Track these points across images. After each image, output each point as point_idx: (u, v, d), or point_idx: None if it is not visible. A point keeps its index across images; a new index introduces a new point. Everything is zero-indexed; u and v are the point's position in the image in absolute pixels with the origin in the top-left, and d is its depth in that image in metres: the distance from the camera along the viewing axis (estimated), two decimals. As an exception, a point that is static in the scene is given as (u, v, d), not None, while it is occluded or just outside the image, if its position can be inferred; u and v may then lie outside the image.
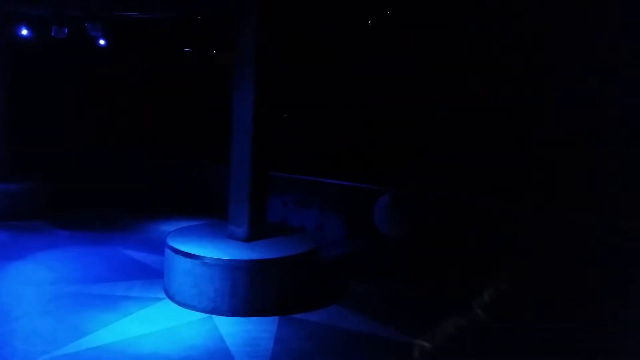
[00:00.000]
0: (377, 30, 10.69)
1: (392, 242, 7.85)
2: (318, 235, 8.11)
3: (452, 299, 7.12)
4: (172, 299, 6.74)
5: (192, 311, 6.46)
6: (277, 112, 10.22)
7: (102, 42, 10.33)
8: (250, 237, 7.13)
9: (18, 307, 6.37)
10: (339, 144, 10.31)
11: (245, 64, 6.95)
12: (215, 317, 6.34)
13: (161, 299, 6.80)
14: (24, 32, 10.16)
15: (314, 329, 6.20)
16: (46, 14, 9.56)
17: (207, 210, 10.35)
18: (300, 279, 6.83)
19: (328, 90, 10.85)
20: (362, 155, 10.00)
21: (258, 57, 6.89)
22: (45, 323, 5.96)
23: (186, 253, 6.57)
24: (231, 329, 6.08)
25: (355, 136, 10.40)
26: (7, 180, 10.73)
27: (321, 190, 8.91)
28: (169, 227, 9.86)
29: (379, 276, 8.06)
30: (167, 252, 6.84)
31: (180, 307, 6.56)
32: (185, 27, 12.41)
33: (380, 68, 10.46)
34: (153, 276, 7.54)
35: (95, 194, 12.19)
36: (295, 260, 6.73)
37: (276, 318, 6.36)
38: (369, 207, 8.18)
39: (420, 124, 10.00)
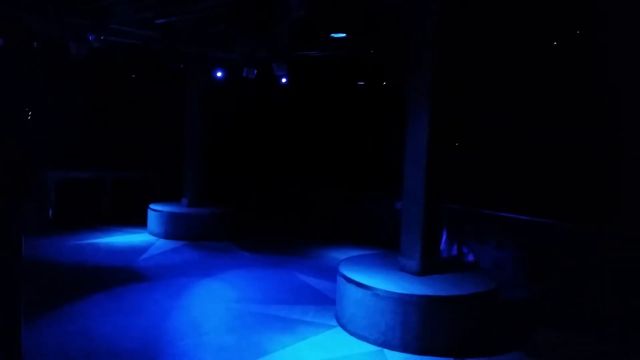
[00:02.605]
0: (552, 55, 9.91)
1: None
2: (496, 273, 7.57)
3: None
4: (343, 327, 6.81)
5: (363, 342, 6.44)
6: (451, 142, 9.96)
7: (283, 80, 11.17)
8: (422, 271, 6.94)
9: (207, 322, 6.97)
10: (522, 175, 9.61)
11: (420, 96, 6.91)
12: (386, 350, 6.24)
13: (333, 326, 6.91)
14: (219, 74, 11.44)
15: (493, 376, 5.75)
16: (239, 57, 10.66)
17: (377, 240, 10.42)
18: (478, 321, 6.41)
19: (506, 118, 10.29)
20: (544, 187, 9.20)
21: (434, 89, 6.82)
22: (230, 339, 6.41)
23: (358, 283, 6.61)
24: (402, 365, 5.93)
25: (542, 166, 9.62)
26: (199, 205, 12.07)
27: (499, 224, 8.35)
28: (339, 254, 10.16)
29: (565, 322, 7.26)
30: (340, 280, 6.96)
31: (351, 337, 6.59)
32: (358, 62, 12.82)
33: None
34: (325, 302, 7.74)
35: (274, 220, 13.12)
36: (472, 299, 6.35)
37: None
38: (556, 245, 7.46)
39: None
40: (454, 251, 9.02)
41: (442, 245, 8.85)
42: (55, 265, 9.20)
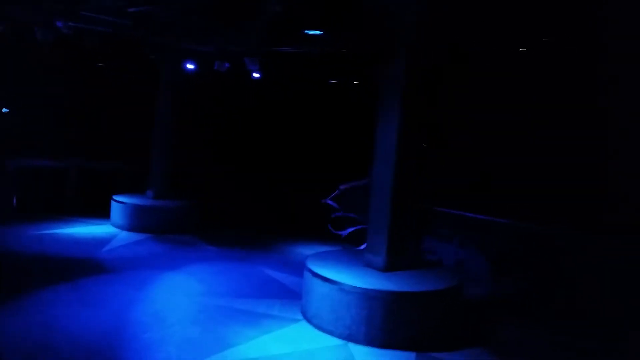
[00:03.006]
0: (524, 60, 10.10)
1: None
2: (460, 271, 7.75)
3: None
4: (309, 321, 6.86)
5: (329, 335, 6.50)
6: (421, 142, 10.07)
7: (256, 75, 11.12)
8: (388, 267, 7.05)
9: (172, 315, 6.91)
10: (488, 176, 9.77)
11: (392, 93, 7.01)
12: (350, 344, 6.32)
13: (298, 320, 6.95)
14: (190, 66, 11.29)
15: (454, 371, 5.90)
16: (212, 50, 10.53)
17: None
18: (441, 316, 6.56)
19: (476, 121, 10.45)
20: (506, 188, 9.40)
21: (407, 87, 6.92)
22: (195, 332, 6.38)
23: (324, 277, 6.67)
24: (366, 359, 6.01)
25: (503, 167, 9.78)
26: (164, 197, 11.90)
27: (462, 224, 8.54)
28: (307, 250, 10.21)
29: (528, 320, 7.51)
30: (306, 274, 7.01)
31: (317, 330, 6.65)
32: (331, 60, 12.79)
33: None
34: (291, 297, 7.77)
35: (241, 213, 13.05)
36: (436, 295, 6.50)
37: (413, 354, 6.16)
38: (518, 245, 7.65)
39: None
40: (420, 248, 9.18)
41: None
42: (16, 255, 8.93)
